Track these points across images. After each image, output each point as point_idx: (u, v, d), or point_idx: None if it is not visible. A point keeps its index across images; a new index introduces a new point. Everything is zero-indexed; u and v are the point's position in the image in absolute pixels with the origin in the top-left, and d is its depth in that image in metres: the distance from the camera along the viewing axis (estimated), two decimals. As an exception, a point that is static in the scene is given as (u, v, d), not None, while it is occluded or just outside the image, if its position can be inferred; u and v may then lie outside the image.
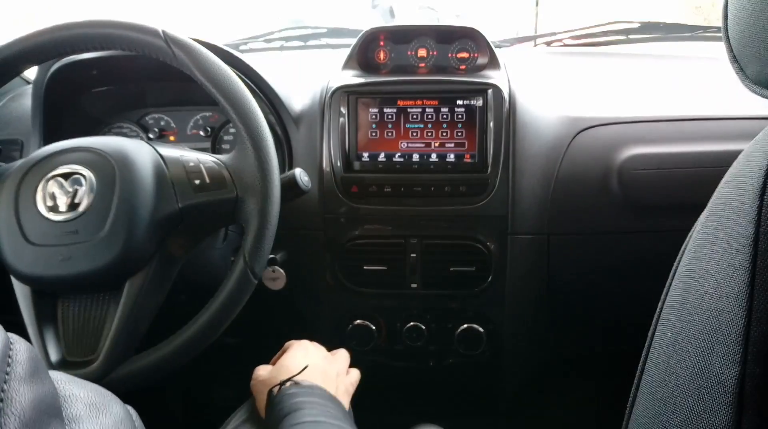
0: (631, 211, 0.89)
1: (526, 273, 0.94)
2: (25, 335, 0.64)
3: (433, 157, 0.92)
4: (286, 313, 1.06)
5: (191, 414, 1.30)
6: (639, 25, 1.25)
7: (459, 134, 0.92)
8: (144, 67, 0.92)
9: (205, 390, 1.35)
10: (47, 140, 0.92)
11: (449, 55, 1.00)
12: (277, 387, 0.67)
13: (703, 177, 0.84)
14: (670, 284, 0.45)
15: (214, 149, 1.04)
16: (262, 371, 0.74)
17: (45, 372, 0.26)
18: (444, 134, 0.92)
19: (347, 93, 0.93)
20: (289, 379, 0.67)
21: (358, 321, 1.00)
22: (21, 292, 0.65)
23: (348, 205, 0.94)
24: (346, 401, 0.73)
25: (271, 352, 0.79)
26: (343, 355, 0.81)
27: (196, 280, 0.88)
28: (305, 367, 0.70)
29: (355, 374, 0.81)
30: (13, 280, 0.66)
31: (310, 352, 0.76)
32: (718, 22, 0.44)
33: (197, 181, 0.68)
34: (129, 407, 0.29)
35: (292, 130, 0.96)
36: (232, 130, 1.04)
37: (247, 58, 0.91)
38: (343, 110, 0.93)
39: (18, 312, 0.65)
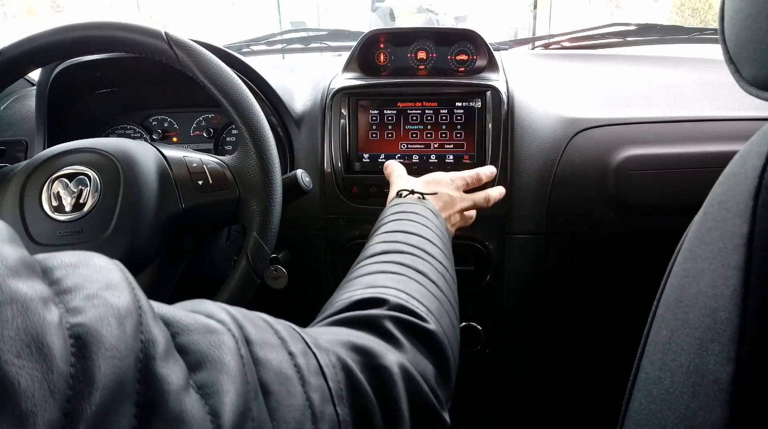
0: (627, 211, 0.90)
1: (524, 272, 0.95)
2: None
3: (433, 158, 0.93)
4: (287, 311, 1.06)
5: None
6: (636, 27, 1.26)
7: (458, 135, 0.93)
8: (147, 69, 0.93)
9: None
10: (51, 141, 0.92)
11: (448, 57, 1.01)
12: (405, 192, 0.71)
13: (699, 177, 0.85)
14: (666, 283, 0.45)
15: (217, 150, 1.04)
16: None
17: (18, 240, 0.26)
18: (443, 135, 0.93)
19: (348, 95, 0.94)
20: (412, 192, 0.71)
21: None
22: None
23: (349, 205, 0.95)
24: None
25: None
26: (481, 196, 0.81)
27: (199, 279, 0.88)
28: (435, 193, 0.73)
29: (472, 215, 0.81)
30: None
31: (450, 190, 0.76)
32: (715, 25, 0.44)
33: (200, 182, 0.68)
34: (115, 260, 0.29)
35: (293, 131, 0.97)
36: (234, 132, 1.04)
37: (249, 61, 0.92)
38: (344, 112, 0.93)
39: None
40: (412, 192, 0.71)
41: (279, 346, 0.34)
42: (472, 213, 0.82)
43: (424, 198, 0.70)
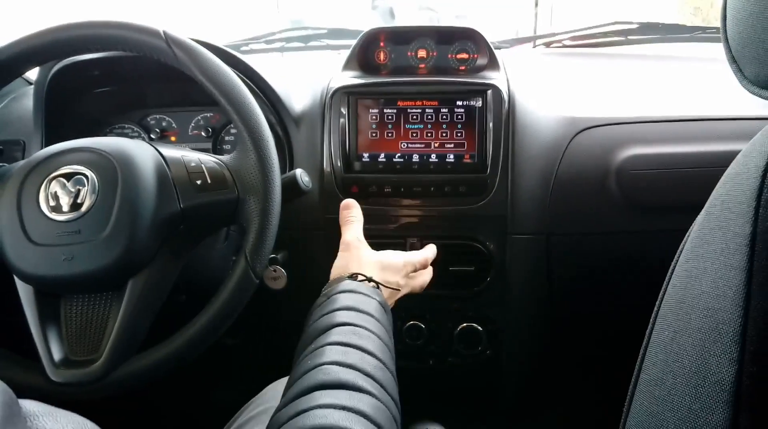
0: (629, 211, 0.90)
1: (526, 273, 0.95)
2: (28, 335, 0.64)
3: (433, 158, 0.93)
4: (287, 312, 1.07)
5: (192, 414, 1.30)
6: (638, 26, 1.26)
7: (458, 135, 0.92)
8: (145, 68, 0.92)
9: (205, 390, 1.35)
10: (49, 141, 0.92)
11: (449, 55, 1.00)
12: (364, 278, 0.67)
13: (701, 177, 0.84)
14: (668, 283, 0.45)
15: (215, 150, 1.04)
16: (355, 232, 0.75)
17: (19, 415, 0.26)
18: (444, 135, 0.93)
19: (347, 93, 0.93)
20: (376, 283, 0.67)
21: None
22: (24, 291, 0.66)
23: (348, 205, 0.94)
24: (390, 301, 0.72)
25: (271, 353, 0.80)
26: (418, 282, 0.78)
27: (198, 280, 0.88)
28: (399, 290, 0.71)
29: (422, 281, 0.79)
30: (16, 280, 0.66)
31: (401, 272, 0.74)
32: (717, 23, 0.44)
33: (199, 182, 0.68)
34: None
35: (292, 130, 0.97)
36: (233, 131, 1.04)
37: (248, 59, 0.92)
38: (344, 111, 0.93)
39: (21, 312, 0.65)
40: (370, 280, 0.68)
41: None
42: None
43: (378, 286, 0.68)
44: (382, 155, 0.93)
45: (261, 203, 0.67)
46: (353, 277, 0.67)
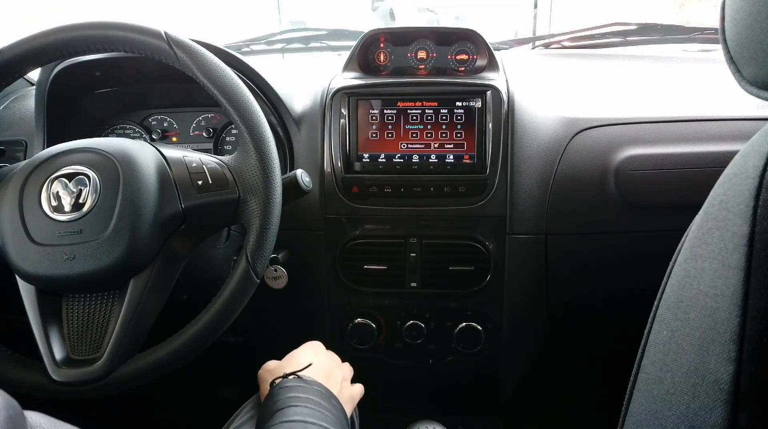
0: (627, 211, 0.90)
1: (524, 272, 0.95)
2: (29, 334, 0.64)
3: (433, 158, 0.93)
4: (287, 312, 1.07)
5: (193, 413, 1.30)
6: (636, 27, 1.26)
7: (458, 135, 0.93)
8: (147, 69, 0.93)
9: (207, 389, 1.36)
10: (51, 141, 0.92)
11: (449, 56, 1.01)
12: (280, 378, 0.68)
13: (699, 177, 0.85)
14: (666, 283, 0.45)
15: (216, 150, 1.04)
16: (271, 363, 0.76)
17: (23, 424, 0.26)
18: (443, 135, 0.93)
19: (348, 94, 0.94)
20: (293, 373, 0.69)
21: (359, 319, 1.01)
22: (26, 291, 0.66)
23: (349, 205, 0.95)
24: (349, 408, 0.74)
25: (272, 351, 0.80)
26: (349, 366, 0.82)
27: (199, 279, 0.88)
28: (310, 364, 0.72)
29: (359, 388, 0.81)
30: (18, 280, 0.66)
31: (320, 353, 0.78)
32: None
33: (200, 182, 0.68)
34: None
35: (293, 131, 0.97)
36: (234, 132, 1.04)
37: (249, 60, 0.92)
38: (344, 111, 0.93)
39: (23, 311, 0.66)
40: (297, 373, 0.70)
41: None
42: (358, 387, 0.81)
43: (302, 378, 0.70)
44: (382, 156, 0.94)
45: (262, 203, 0.68)
46: (284, 377, 0.70)
